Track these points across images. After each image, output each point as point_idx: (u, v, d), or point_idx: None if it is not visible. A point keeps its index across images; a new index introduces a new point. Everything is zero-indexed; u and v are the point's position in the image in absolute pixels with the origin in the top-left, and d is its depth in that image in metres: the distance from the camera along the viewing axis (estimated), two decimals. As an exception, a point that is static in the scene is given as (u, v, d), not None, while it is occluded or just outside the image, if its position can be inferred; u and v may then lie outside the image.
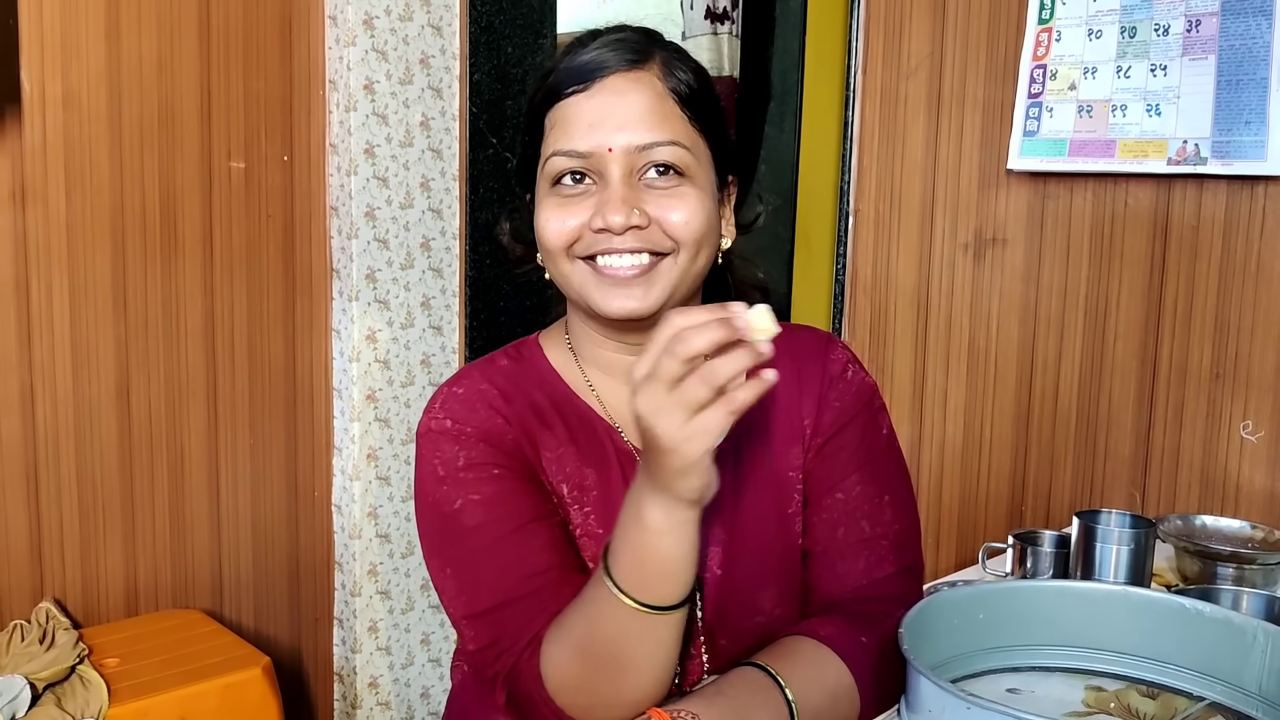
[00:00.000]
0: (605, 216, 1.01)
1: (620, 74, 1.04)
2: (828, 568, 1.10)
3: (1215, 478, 1.67)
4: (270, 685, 2.14)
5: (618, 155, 1.02)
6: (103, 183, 2.26)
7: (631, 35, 1.08)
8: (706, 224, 1.05)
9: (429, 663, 2.86)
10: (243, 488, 2.55)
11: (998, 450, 1.93)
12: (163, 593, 2.43)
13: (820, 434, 1.13)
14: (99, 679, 1.98)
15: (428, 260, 2.73)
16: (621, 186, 1.02)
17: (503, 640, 1.00)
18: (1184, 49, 1.63)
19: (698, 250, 1.05)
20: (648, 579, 0.90)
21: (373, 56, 2.56)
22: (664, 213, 1.03)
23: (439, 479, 1.06)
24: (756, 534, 1.11)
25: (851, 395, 1.15)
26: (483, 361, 1.17)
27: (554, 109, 1.06)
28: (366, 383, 2.65)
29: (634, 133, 1.02)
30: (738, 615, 1.10)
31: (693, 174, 1.05)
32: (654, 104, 1.04)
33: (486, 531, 1.03)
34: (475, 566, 1.03)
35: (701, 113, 1.07)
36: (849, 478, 1.11)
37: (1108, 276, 1.78)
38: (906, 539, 1.12)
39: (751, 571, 1.10)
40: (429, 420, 1.10)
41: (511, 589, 1.00)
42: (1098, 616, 1.08)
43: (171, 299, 2.38)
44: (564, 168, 1.04)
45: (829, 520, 1.11)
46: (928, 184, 1.99)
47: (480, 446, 1.07)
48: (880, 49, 2.03)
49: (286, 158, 2.55)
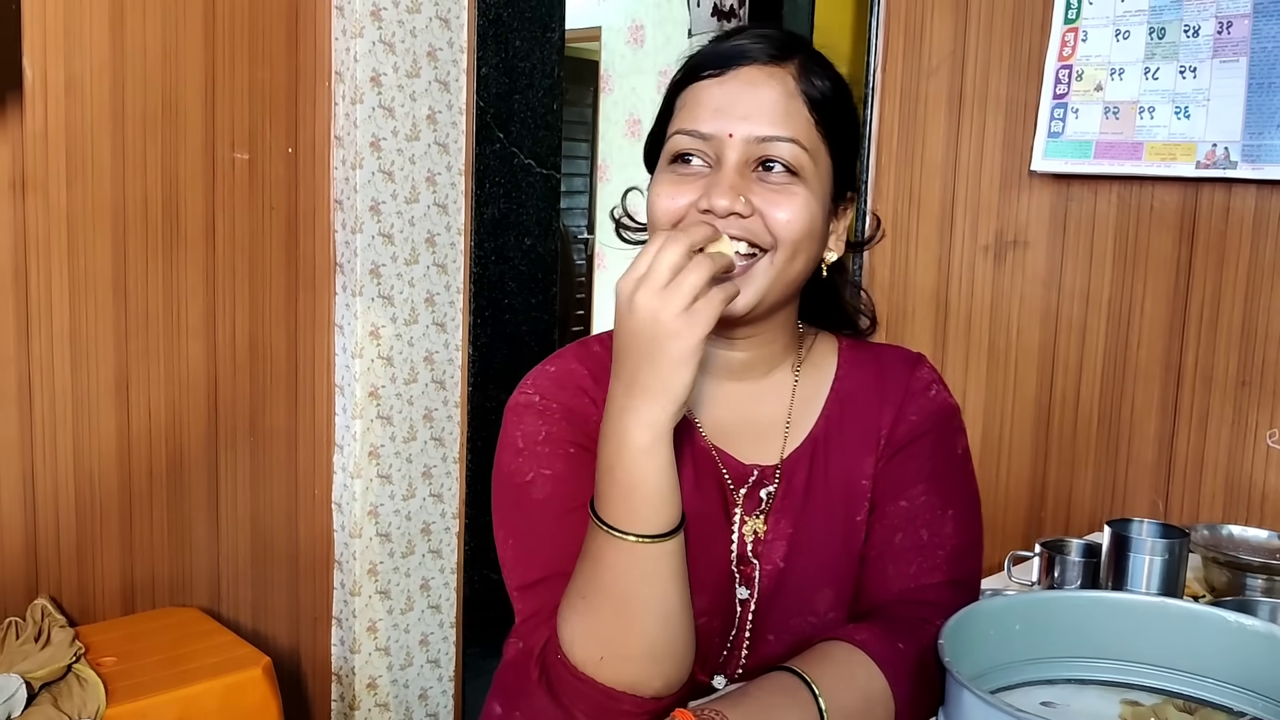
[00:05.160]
0: (711, 198, 1.02)
1: (757, 66, 1.05)
2: (879, 570, 1.10)
3: (1240, 486, 1.65)
4: (271, 686, 2.11)
5: (736, 142, 1.03)
6: (104, 173, 2.22)
7: (777, 33, 1.09)
8: (809, 227, 1.05)
9: (428, 664, 2.83)
10: (242, 484, 2.52)
11: (1017, 455, 1.91)
12: (160, 590, 2.39)
13: (893, 444, 1.13)
14: (96, 678, 1.94)
15: (432, 256, 2.70)
16: (733, 173, 1.03)
17: (543, 612, 1.02)
18: (1214, 51, 1.61)
19: (795, 252, 1.05)
20: (636, 508, 0.92)
21: (380, 48, 2.53)
22: (769, 207, 1.03)
23: (517, 450, 1.09)
24: (823, 535, 1.11)
25: (929, 411, 1.15)
26: (577, 345, 1.19)
27: (687, 90, 1.08)
28: (369, 379, 2.61)
29: (757, 124, 1.03)
30: (790, 612, 1.10)
31: (807, 177, 1.05)
32: (782, 100, 1.04)
33: (551, 506, 1.06)
34: (534, 538, 1.06)
35: (830, 120, 1.07)
36: (915, 487, 1.11)
37: (1132, 280, 1.76)
38: (964, 555, 1.11)
39: (812, 570, 1.11)
40: (519, 395, 1.12)
41: (562, 563, 1.01)
42: (1135, 628, 1.05)
43: (172, 292, 2.35)
44: (684, 146, 1.06)
45: (889, 525, 1.11)
46: (948, 185, 1.96)
47: (562, 424, 1.09)
48: (900, 47, 2.00)
49: (291, 150, 2.52)
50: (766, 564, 1.11)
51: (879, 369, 1.17)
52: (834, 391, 1.16)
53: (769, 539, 1.11)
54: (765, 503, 1.12)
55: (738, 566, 1.11)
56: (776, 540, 1.11)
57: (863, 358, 1.18)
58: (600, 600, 0.95)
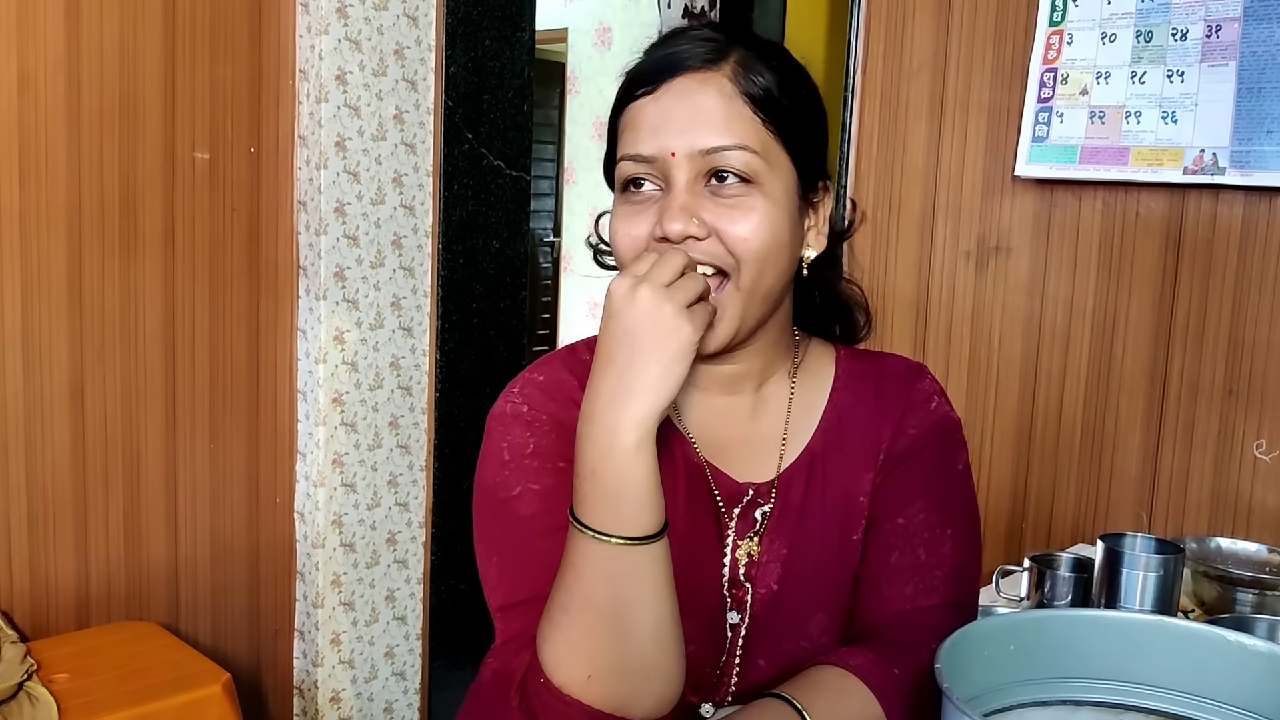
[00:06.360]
0: (663, 224, 0.98)
1: (688, 75, 1.00)
2: (874, 590, 1.06)
3: (1227, 498, 1.63)
4: (231, 703, 2.05)
5: (681, 160, 0.98)
6: (59, 171, 2.16)
7: (709, 33, 1.03)
8: (772, 239, 1.00)
9: (393, 676, 2.77)
10: (201, 493, 2.45)
11: (998, 466, 1.88)
12: (116, 603, 2.32)
13: (892, 459, 1.09)
14: (48, 696, 1.88)
15: (399, 259, 2.64)
16: (683, 193, 0.98)
17: (526, 634, 0.97)
18: (1203, 55, 1.58)
19: (761, 268, 1.00)
20: (623, 510, 0.90)
21: (345, 45, 2.47)
22: (725, 224, 0.98)
23: (503, 463, 1.05)
24: (819, 555, 1.08)
25: (929, 425, 1.11)
26: (564, 352, 1.14)
27: (626, 110, 1.03)
28: (333, 385, 2.55)
29: (698, 136, 0.98)
30: (782, 635, 1.07)
31: (763, 181, 0.99)
32: (721, 106, 0.99)
33: (538, 523, 1.01)
34: (520, 557, 1.02)
35: (780, 116, 1.01)
36: (913, 504, 1.07)
37: (1117, 288, 1.73)
38: (962, 576, 1.08)
39: (806, 593, 1.07)
40: (505, 403, 1.08)
41: (549, 584, 0.96)
42: (1132, 648, 1.03)
43: (130, 294, 2.29)
44: (630, 173, 1.02)
45: (885, 544, 1.07)
46: (929, 190, 1.93)
47: (551, 437, 1.05)
48: (881, 49, 1.97)
49: (253, 149, 2.46)
50: (760, 587, 1.07)
51: (878, 380, 1.12)
52: (831, 403, 1.12)
53: (763, 561, 1.07)
54: (760, 523, 1.08)
55: (729, 590, 1.07)
56: (771, 562, 1.07)
57: (861, 368, 1.14)
58: (585, 613, 0.91)
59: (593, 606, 0.91)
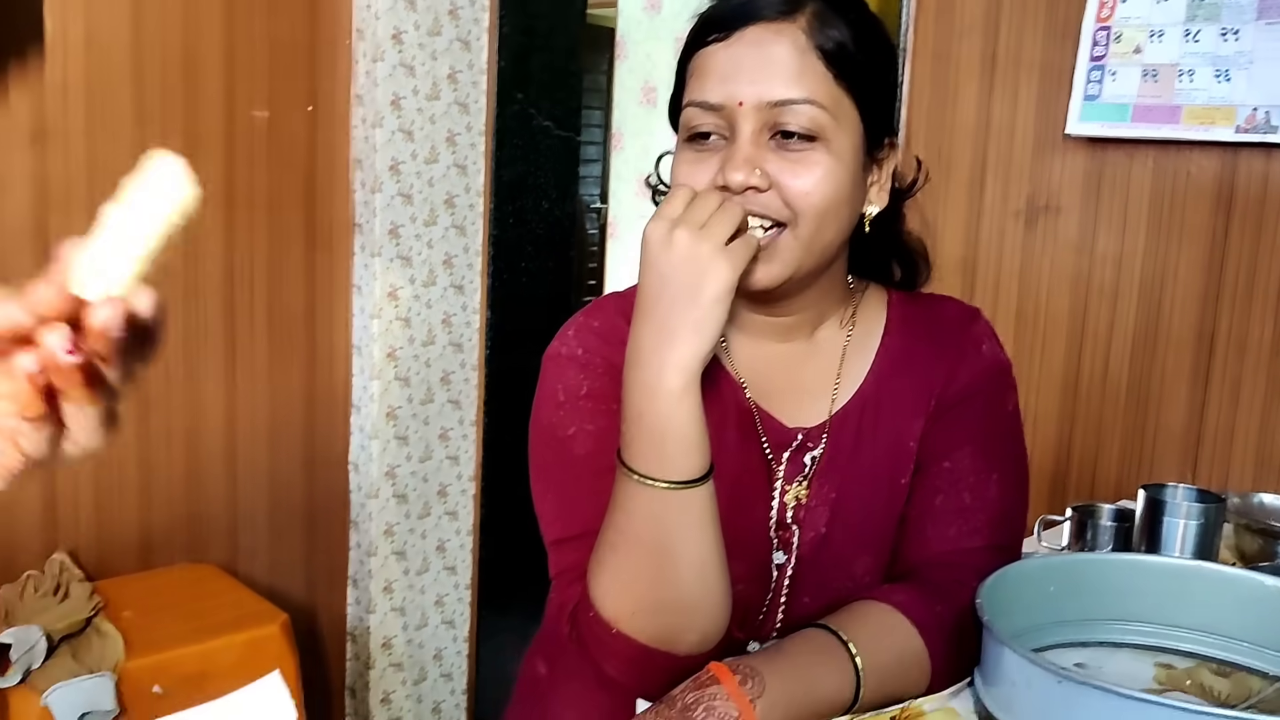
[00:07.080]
0: (725, 173, 0.97)
1: (763, 24, 0.98)
2: (918, 532, 1.07)
3: (1272, 455, 1.64)
4: (288, 642, 2.10)
5: (748, 110, 0.97)
6: (124, 127, 2.20)
7: None
8: (833, 196, 0.99)
9: (442, 624, 2.83)
10: (259, 443, 2.51)
11: (1043, 421, 1.89)
12: (177, 546, 2.39)
13: (943, 404, 1.10)
14: (115, 631, 1.94)
15: (451, 217, 2.68)
16: (748, 144, 0.97)
17: (579, 566, 1.00)
18: (1259, 12, 1.58)
19: (820, 223, 0.99)
20: (668, 454, 0.91)
21: (401, 5, 2.50)
22: (788, 178, 0.97)
23: (558, 404, 1.07)
24: (867, 499, 1.08)
25: (981, 370, 1.11)
26: (616, 296, 1.15)
27: (695, 56, 1.02)
28: (387, 340, 2.60)
29: (768, 87, 0.97)
30: (828, 576, 1.08)
31: (829, 138, 0.98)
32: (794, 59, 0.97)
33: (593, 462, 1.03)
34: (575, 494, 1.04)
35: (852, 72, 0.99)
36: (961, 449, 1.08)
37: (1166, 247, 1.74)
38: (1006, 520, 1.08)
39: (853, 535, 1.08)
40: (560, 345, 1.10)
41: (601, 520, 0.99)
42: (1170, 592, 1.04)
43: (191, 249, 2.33)
44: (696, 120, 1.00)
45: (931, 486, 1.08)
46: (979, 148, 1.94)
47: (604, 380, 1.06)
48: (933, 6, 1.97)
49: (311, 108, 2.49)
50: (808, 530, 1.08)
51: (932, 325, 1.12)
52: (884, 348, 1.12)
53: (811, 504, 1.08)
54: (809, 467, 1.08)
55: (776, 532, 1.09)
56: (819, 506, 1.08)
57: (914, 313, 1.14)
58: (631, 551, 0.94)
59: (639, 546, 0.93)
